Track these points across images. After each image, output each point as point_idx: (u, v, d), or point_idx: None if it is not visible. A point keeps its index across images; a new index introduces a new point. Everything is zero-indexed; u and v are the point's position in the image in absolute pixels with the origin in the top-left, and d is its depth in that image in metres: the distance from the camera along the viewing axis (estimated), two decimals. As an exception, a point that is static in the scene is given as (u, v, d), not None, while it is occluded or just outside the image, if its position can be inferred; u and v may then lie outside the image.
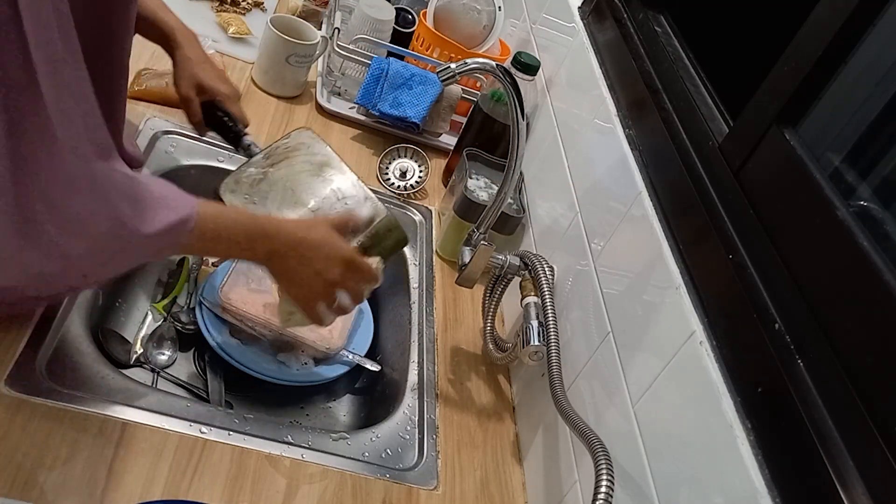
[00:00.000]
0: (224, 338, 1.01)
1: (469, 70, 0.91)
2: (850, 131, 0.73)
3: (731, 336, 0.68)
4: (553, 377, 0.86)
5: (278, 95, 1.38)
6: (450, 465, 0.92)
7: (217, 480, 0.78)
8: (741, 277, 0.69)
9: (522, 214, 1.19)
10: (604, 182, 0.99)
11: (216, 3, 1.52)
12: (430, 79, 1.36)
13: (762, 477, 0.59)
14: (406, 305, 1.13)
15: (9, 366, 0.77)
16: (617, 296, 0.86)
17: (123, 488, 0.73)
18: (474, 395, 1.03)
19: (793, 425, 0.58)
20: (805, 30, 0.72)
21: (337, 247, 0.82)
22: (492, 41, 1.49)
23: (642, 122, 0.96)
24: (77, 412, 0.76)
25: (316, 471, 0.83)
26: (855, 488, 0.53)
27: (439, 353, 1.07)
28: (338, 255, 0.82)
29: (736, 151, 0.77)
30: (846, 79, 0.70)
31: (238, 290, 1.04)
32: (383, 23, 1.48)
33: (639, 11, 1.09)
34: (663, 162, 0.88)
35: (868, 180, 0.70)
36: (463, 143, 1.32)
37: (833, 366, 0.58)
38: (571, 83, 1.20)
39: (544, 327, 0.92)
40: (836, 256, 0.62)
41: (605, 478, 0.67)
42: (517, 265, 1.02)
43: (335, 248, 0.82)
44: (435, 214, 1.31)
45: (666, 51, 1.00)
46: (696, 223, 0.78)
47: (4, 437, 0.71)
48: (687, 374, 0.70)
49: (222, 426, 0.82)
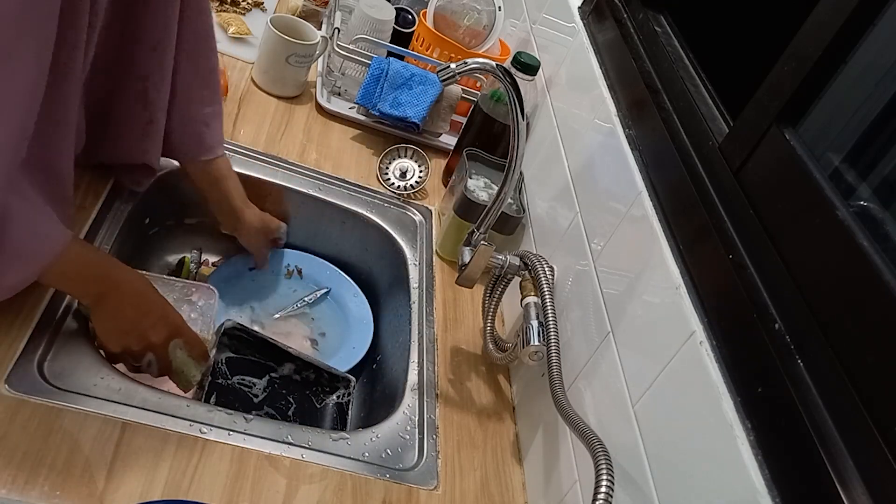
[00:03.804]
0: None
1: (469, 70, 0.91)
2: (850, 131, 0.73)
3: (731, 336, 0.68)
4: (553, 377, 0.86)
5: (278, 95, 1.38)
6: (450, 465, 0.92)
7: (217, 480, 0.77)
8: (741, 277, 0.69)
9: (522, 214, 1.19)
10: (604, 182, 0.99)
11: (216, 3, 1.52)
12: (430, 79, 1.36)
13: (762, 477, 0.59)
14: (406, 305, 1.13)
15: (9, 366, 0.77)
16: (617, 296, 0.86)
17: (123, 488, 0.73)
18: (474, 395, 1.03)
19: (793, 425, 0.58)
20: (805, 30, 0.72)
21: (175, 314, 0.86)
22: (492, 41, 1.49)
23: (642, 122, 0.96)
24: (77, 412, 0.76)
25: (316, 471, 0.83)
26: (855, 488, 0.53)
27: (439, 353, 1.06)
28: (173, 322, 0.85)
29: (736, 151, 0.77)
30: (846, 79, 0.70)
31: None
32: (383, 23, 1.48)
33: (639, 11, 1.09)
34: (663, 162, 0.88)
35: (868, 180, 0.70)
36: (463, 143, 1.31)
37: (833, 366, 0.58)
38: (571, 83, 1.20)
39: (544, 327, 0.92)
40: (836, 256, 0.62)
41: (605, 478, 0.67)
42: (517, 265, 1.02)
43: (173, 315, 0.85)
44: (435, 214, 1.31)
45: (666, 51, 1.00)
46: (696, 223, 0.78)
47: (4, 437, 0.71)
48: (687, 374, 0.70)
49: (222, 426, 0.82)
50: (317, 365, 1.01)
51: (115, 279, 0.80)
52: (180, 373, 0.87)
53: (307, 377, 1.02)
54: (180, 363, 0.87)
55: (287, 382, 1.00)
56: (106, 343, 0.82)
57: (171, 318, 0.85)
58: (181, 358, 0.86)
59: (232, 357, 0.97)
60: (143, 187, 1.03)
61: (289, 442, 0.84)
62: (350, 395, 1.03)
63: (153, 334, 0.83)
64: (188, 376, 0.88)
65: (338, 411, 1.02)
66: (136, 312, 0.82)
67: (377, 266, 1.25)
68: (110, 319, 0.81)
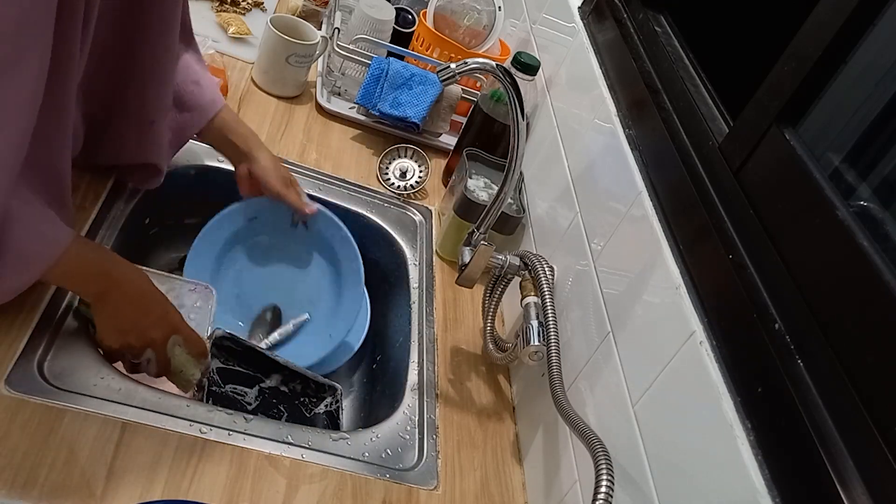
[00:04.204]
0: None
1: (469, 70, 0.91)
2: (850, 131, 0.73)
3: (731, 336, 0.68)
4: (553, 377, 0.86)
5: (278, 95, 1.38)
6: (450, 465, 0.92)
7: (217, 480, 0.77)
8: (741, 277, 0.69)
9: (522, 214, 1.19)
10: (604, 182, 0.99)
11: (216, 3, 1.52)
12: (430, 79, 1.36)
13: (762, 477, 0.59)
14: (406, 305, 1.13)
15: (9, 366, 0.77)
16: (617, 296, 0.86)
17: (123, 488, 0.73)
18: (474, 395, 1.03)
19: (793, 425, 0.58)
20: (805, 30, 0.72)
21: (175, 313, 0.86)
22: (492, 41, 1.49)
23: (642, 122, 0.96)
24: (77, 412, 0.76)
25: (316, 471, 0.83)
26: (855, 488, 0.53)
27: (439, 353, 1.06)
28: (173, 320, 0.86)
29: (736, 151, 0.77)
30: (846, 79, 0.70)
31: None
32: (383, 23, 1.48)
33: (639, 11, 1.09)
34: (663, 162, 0.88)
35: (868, 180, 0.70)
36: (463, 143, 1.31)
37: (833, 366, 0.58)
38: (571, 83, 1.20)
39: (544, 327, 0.92)
40: (836, 256, 0.62)
41: (605, 478, 0.67)
42: (517, 265, 1.02)
43: (173, 313, 0.86)
44: (435, 214, 1.31)
45: (666, 51, 1.00)
46: (696, 223, 0.78)
47: (4, 437, 0.71)
48: (687, 374, 0.70)
49: (222, 426, 0.82)
50: (302, 374, 1.01)
51: (115, 277, 0.81)
52: (179, 372, 0.87)
53: (294, 388, 1.02)
54: (179, 362, 0.87)
55: (276, 393, 1.00)
56: (105, 340, 0.83)
57: (171, 317, 0.85)
58: (180, 356, 0.86)
59: (221, 367, 0.97)
60: (152, 186, 1.02)
61: (289, 442, 0.84)
62: (338, 403, 1.03)
63: (153, 332, 0.83)
64: (187, 375, 0.88)
65: (328, 419, 1.02)
66: (136, 311, 0.82)
67: (377, 266, 1.25)
68: (111, 317, 0.82)
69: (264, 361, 0.99)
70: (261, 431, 0.84)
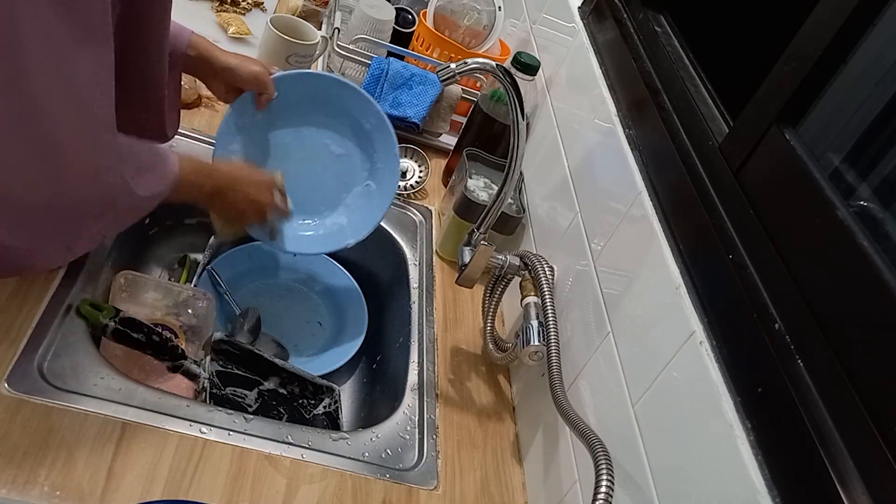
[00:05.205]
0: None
1: (469, 70, 0.91)
2: (850, 131, 0.73)
3: (731, 336, 0.68)
4: (553, 377, 0.86)
5: (278, 95, 1.38)
6: (450, 465, 0.92)
7: (217, 480, 0.78)
8: (741, 277, 0.69)
9: (522, 214, 1.19)
10: (604, 182, 0.99)
11: (216, 3, 1.52)
12: (430, 79, 1.36)
13: (762, 477, 0.59)
14: (406, 305, 1.13)
15: (9, 366, 0.77)
16: (617, 296, 0.86)
17: (123, 488, 0.73)
18: (474, 395, 1.03)
19: (793, 425, 0.58)
20: (805, 30, 0.72)
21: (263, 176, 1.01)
22: (492, 41, 1.49)
23: (642, 122, 0.96)
24: (77, 412, 0.76)
25: (316, 471, 0.83)
26: (855, 488, 0.53)
27: (439, 353, 1.06)
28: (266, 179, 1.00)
29: (736, 151, 0.77)
30: (846, 79, 0.70)
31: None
32: (383, 23, 1.48)
33: (639, 11, 1.09)
34: (663, 162, 0.88)
35: (868, 180, 0.70)
36: (463, 143, 1.31)
37: (833, 366, 0.58)
38: (571, 83, 1.20)
39: (544, 327, 0.92)
40: (836, 256, 0.62)
41: (605, 478, 0.67)
42: (517, 265, 1.02)
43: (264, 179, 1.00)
44: (435, 214, 1.31)
45: (666, 51, 1.00)
46: (696, 223, 0.78)
47: (4, 437, 0.71)
48: (687, 374, 0.70)
49: (222, 426, 0.83)
50: (300, 375, 1.01)
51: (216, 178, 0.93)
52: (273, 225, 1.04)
53: (293, 390, 1.02)
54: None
55: (274, 395, 1.00)
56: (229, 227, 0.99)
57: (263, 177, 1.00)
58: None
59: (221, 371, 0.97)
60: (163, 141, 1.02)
61: (289, 442, 0.84)
62: (337, 403, 1.03)
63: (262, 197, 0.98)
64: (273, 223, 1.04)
65: (328, 420, 1.02)
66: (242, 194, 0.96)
67: (377, 266, 1.25)
68: (229, 209, 0.96)
69: (262, 364, 0.99)
70: (261, 431, 0.84)
